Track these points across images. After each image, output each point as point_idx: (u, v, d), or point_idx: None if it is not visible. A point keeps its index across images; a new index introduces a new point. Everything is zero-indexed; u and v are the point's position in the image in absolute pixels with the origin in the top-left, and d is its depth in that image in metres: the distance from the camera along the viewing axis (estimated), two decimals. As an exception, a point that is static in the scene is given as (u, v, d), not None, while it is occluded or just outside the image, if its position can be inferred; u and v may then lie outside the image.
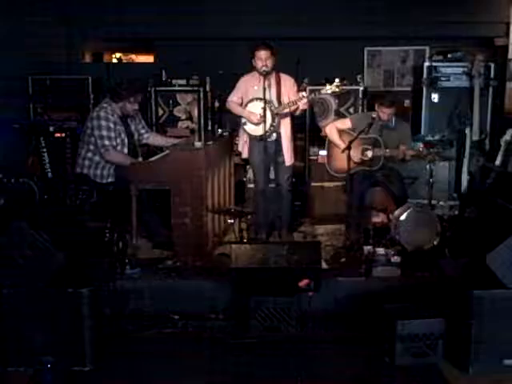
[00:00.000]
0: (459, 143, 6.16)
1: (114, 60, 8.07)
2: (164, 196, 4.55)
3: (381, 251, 4.34)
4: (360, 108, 6.50)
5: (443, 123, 6.26)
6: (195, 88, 6.90)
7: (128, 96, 4.85)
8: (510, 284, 3.30)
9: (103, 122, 4.75)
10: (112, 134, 4.77)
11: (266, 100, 4.74)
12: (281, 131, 5.04)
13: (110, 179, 4.85)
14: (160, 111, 6.91)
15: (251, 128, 5.02)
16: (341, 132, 5.19)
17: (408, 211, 4.48)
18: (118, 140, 4.83)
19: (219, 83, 6.48)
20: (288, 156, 5.10)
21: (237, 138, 5.50)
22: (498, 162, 5.67)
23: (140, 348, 3.62)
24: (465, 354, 3.32)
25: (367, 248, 4.51)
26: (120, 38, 7.92)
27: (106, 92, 5.24)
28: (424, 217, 4.49)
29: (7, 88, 6.41)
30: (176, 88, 6.92)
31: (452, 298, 3.48)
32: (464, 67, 6.25)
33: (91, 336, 3.36)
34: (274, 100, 4.93)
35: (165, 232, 4.72)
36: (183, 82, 6.93)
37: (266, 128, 4.80)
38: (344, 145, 4.93)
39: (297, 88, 5.12)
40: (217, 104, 6.76)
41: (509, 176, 5.40)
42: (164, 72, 6.96)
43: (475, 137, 6.06)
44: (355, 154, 4.99)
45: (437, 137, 5.94)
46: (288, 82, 5.05)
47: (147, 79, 6.85)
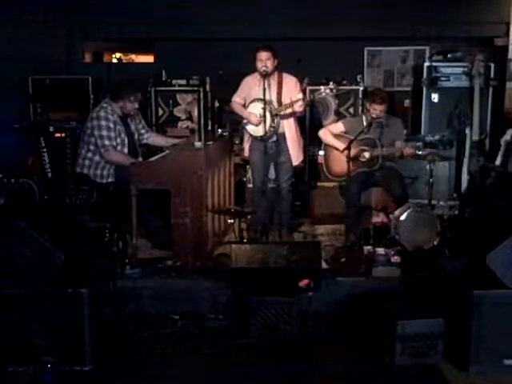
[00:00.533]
0: (459, 143, 6.16)
1: (114, 60, 8.07)
2: (164, 196, 4.56)
3: (381, 251, 4.33)
4: (360, 108, 6.50)
5: (443, 123, 6.27)
6: (195, 88, 6.91)
7: (128, 95, 4.86)
8: (510, 284, 3.30)
9: (103, 122, 4.76)
10: (112, 134, 4.77)
11: (266, 100, 4.74)
12: (285, 131, 5.04)
13: (110, 179, 4.86)
14: (160, 111, 6.92)
15: (252, 128, 5.03)
16: (335, 135, 5.18)
17: (408, 211, 4.48)
18: (118, 140, 4.83)
19: (219, 83, 6.49)
20: (294, 156, 5.09)
21: (237, 138, 5.51)
22: (498, 162, 5.67)
23: (140, 348, 3.62)
24: (465, 354, 3.32)
25: (367, 248, 4.51)
26: (120, 38, 7.92)
27: (107, 92, 5.24)
28: (424, 217, 4.49)
29: (7, 88, 6.40)
30: (176, 88, 6.93)
31: (452, 298, 3.48)
32: (464, 67, 6.25)
33: (91, 336, 3.36)
34: (274, 101, 4.92)
35: (165, 232, 4.72)
36: (183, 82, 6.94)
37: (266, 129, 4.80)
38: (342, 145, 4.93)
39: (300, 88, 5.10)
40: (217, 104, 6.78)
41: (509, 176, 5.40)
42: (164, 72, 6.97)
43: (475, 137, 6.06)
44: (353, 155, 4.98)
45: (437, 137, 5.92)
46: (290, 82, 5.03)
47: (147, 79, 6.86)
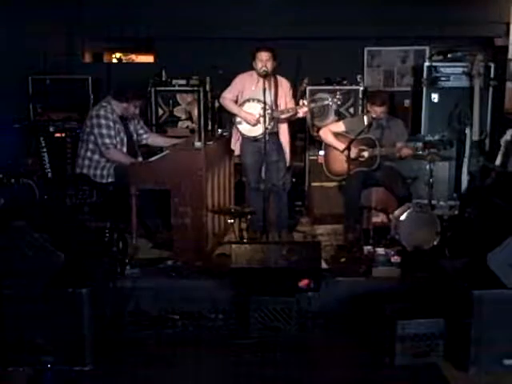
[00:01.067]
0: (459, 143, 6.16)
1: (114, 60, 8.09)
2: (164, 196, 4.56)
3: (381, 251, 4.33)
4: (360, 108, 6.50)
5: (443, 123, 6.25)
6: (195, 88, 6.91)
7: (135, 99, 4.93)
8: (510, 284, 3.30)
9: (103, 121, 4.77)
10: (112, 133, 4.78)
11: (265, 102, 4.71)
12: (279, 131, 5.03)
13: (110, 179, 4.86)
14: (160, 111, 6.92)
15: (246, 128, 4.99)
16: (335, 134, 5.18)
17: (408, 211, 4.48)
18: (118, 139, 4.84)
19: (219, 83, 6.48)
20: (287, 156, 5.10)
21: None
22: (498, 162, 5.67)
23: (140, 348, 3.62)
24: (465, 354, 3.32)
25: (367, 248, 4.51)
26: (120, 38, 7.93)
27: (107, 92, 5.25)
28: (424, 217, 4.49)
29: (7, 88, 6.40)
30: (176, 88, 6.93)
31: (452, 298, 3.48)
32: (464, 67, 6.24)
33: (91, 336, 3.36)
34: (271, 103, 4.87)
35: (165, 232, 4.72)
36: (183, 82, 6.93)
37: (263, 130, 4.76)
38: (342, 145, 4.94)
39: (292, 93, 5.11)
40: (217, 104, 6.76)
41: (509, 176, 5.40)
42: (164, 72, 6.96)
43: (475, 137, 6.06)
44: (352, 154, 4.98)
45: (437, 137, 5.91)
46: (285, 85, 5.03)
47: (147, 79, 6.85)
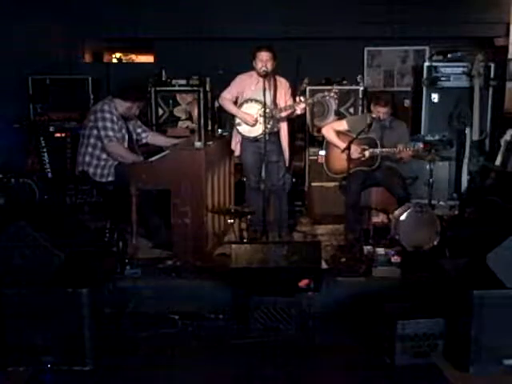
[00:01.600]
0: (459, 143, 6.17)
1: (114, 60, 8.08)
2: (164, 196, 4.55)
3: (381, 251, 4.33)
4: (360, 108, 6.50)
5: (443, 123, 6.26)
6: (195, 88, 6.92)
7: (139, 100, 5.00)
8: (510, 284, 3.30)
9: (107, 115, 4.83)
10: (115, 127, 4.84)
11: (265, 102, 4.71)
12: (279, 131, 5.03)
13: (110, 178, 4.86)
14: (160, 111, 6.92)
15: (245, 129, 4.99)
16: (338, 133, 5.19)
17: (408, 211, 4.47)
18: (119, 135, 4.87)
19: (219, 83, 6.48)
20: (287, 156, 5.10)
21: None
22: (498, 162, 5.67)
23: (140, 348, 3.61)
24: (465, 354, 3.32)
25: (367, 248, 4.51)
26: (120, 38, 7.93)
27: (107, 92, 5.26)
28: (424, 217, 4.48)
29: (7, 88, 6.40)
30: (176, 88, 6.93)
31: (452, 298, 3.48)
32: (464, 67, 6.25)
33: (91, 336, 3.36)
34: (270, 102, 4.88)
35: (165, 232, 4.72)
36: (183, 82, 6.94)
37: (262, 130, 4.76)
38: (343, 144, 4.93)
39: (291, 91, 5.11)
40: (217, 104, 6.76)
41: (509, 176, 5.41)
42: (164, 72, 6.97)
43: (475, 137, 6.06)
44: (354, 153, 4.98)
45: (437, 137, 5.93)
46: (284, 85, 5.04)
47: (147, 79, 6.85)
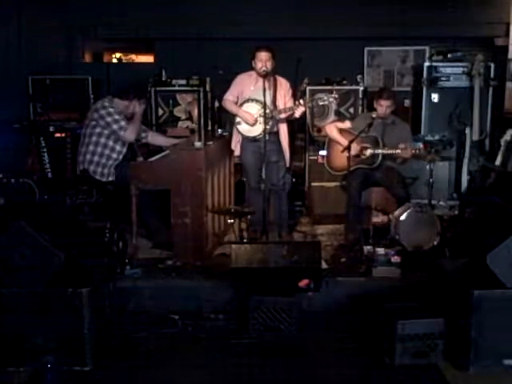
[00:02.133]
0: (459, 143, 6.17)
1: (114, 60, 8.06)
2: (164, 196, 4.55)
3: (381, 251, 4.33)
4: (360, 108, 6.50)
5: (443, 123, 6.26)
6: (195, 88, 6.91)
7: (137, 96, 4.99)
8: (510, 284, 3.30)
9: (112, 109, 4.88)
10: (122, 117, 4.89)
11: (265, 102, 4.70)
12: (278, 130, 5.03)
13: (110, 178, 4.86)
14: (160, 111, 6.92)
15: (245, 128, 4.99)
16: (341, 131, 5.19)
17: (408, 211, 4.48)
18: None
19: (219, 83, 6.48)
20: (287, 157, 5.10)
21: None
22: (498, 162, 5.68)
23: (140, 348, 3.61)
24: (465, 354, 3.32)
25: (367, 248, 4.51)
26: (120, 38, 7.92)
27: (107, 92, 5.26)
28: (424, 217, 4.48)
29: (7, 88, 6.40)
30: (176, 88, 6.92)
31: (452, 298, 3.48)
32: (464, 67, 6.24)
33: (91, 336, 3.36)
34: (270, 103, 4.87)
35: (165, 232, 4.72)
36: (183, 82, 6.93)
37: (262, 130, 4.76)
38: (345, 141, 4.93)
39: (292, 92, 5.11)
40: (217, 104, 6.77)
41: (509, 176, 5.41)
42: (164, 72, 6.96)
43: (475, 137, 6.06)
44: (354, 152, 4.98)
45: (437, 137, 5.93)
46: (284, 85, 5.03)
47: (147, 79, 6.85)
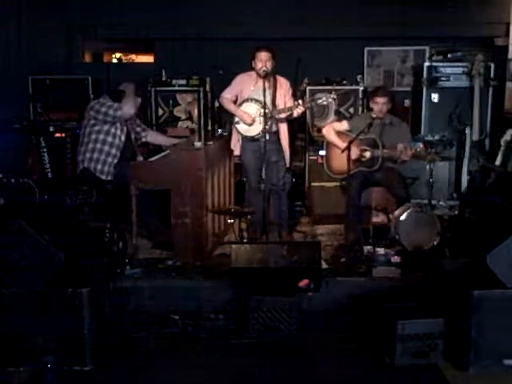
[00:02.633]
0: (459, 143, 6.16)
1: (114, 60, 8.05)
2: (164, 196, 4.55)
3: (381, 251, 4.33)
4: (360, 108, 6.49)
5: (443, 123, 6.25)
6: (195, 88, 6.90)
7: (136, 94, 5.00)
8: (510, 284, 3.30)
9: (110, 103, 4.85)
10: (115, 103, 4.87)
11: (264, 102, 4.70)
12: (278, 130, 5.03)
13: (110, 177, 4.85)
14: (160, 111, 6.91)
15: (243, 128, 4.99)
16: (338, 133, 5.18)
17: (408, 211, 4.48)
18: (118, 124, 4.89)
19: (219, 83, 6.48)
20: (287, 157, 5.10)
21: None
22: (498, 162, 5.67)
23: (140, 348, 3.62)
24: (465, 354, 3.32)
25: (367, 248, 4.51)
26: (120, 38, 7.92)
27: (107, 92, 5.27)
28: (424, 217, 4.49)
29: (7, 88, 6.40)
30: (176, 88, 6.92)
31: (452, 298, 3.48)
32: (464, 67, 6.24)
33: (91, 336, 3.36)
34: (269, 103, 4.86)
35: (165, 232, 4.72)
36: (183, 82, 6.93)
37: (261, 129, 4.76)
38: (343, 144, 4.93)
39: (292, 92, 5.10)
40: (217, 104, 6.76)
41: (509, 176, 5.41)
42: (164, 72, 6.96)
43: (475, 137, 6.06)
44: (354, 155, 4.98)
45: (437, 137, 5.93)
46: (284, 85, 5.04)
47: (147, 79, 6.85)
